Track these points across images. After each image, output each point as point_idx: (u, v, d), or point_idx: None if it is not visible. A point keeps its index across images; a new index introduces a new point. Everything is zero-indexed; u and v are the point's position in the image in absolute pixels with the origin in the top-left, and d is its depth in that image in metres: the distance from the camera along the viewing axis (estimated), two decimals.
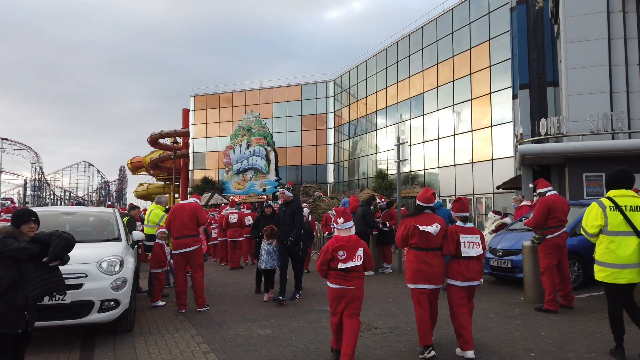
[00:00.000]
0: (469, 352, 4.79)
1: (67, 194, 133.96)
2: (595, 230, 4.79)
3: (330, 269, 4.70)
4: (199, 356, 5.17)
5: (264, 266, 8.18)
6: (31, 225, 4.23)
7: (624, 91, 18.43)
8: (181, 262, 7.49)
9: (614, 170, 4.96)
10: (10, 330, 3.94)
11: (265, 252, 8.21)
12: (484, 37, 26.60)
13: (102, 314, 5.68)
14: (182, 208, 7.60)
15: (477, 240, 5.00)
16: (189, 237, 7.42)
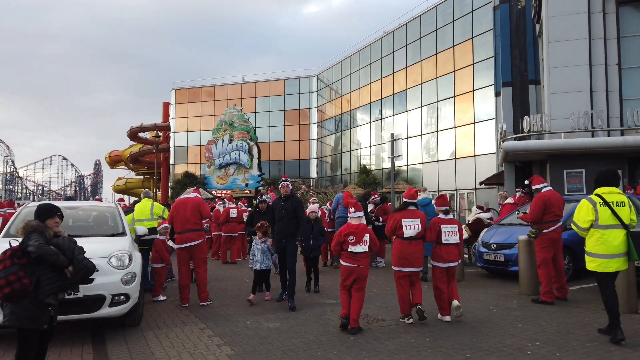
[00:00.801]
0: (446, 317, 6.18)
1: (40, 188, 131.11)
2: (587, 224, 5.27)
3: (342, 249, 5.85)
4: (213, 349, 5.25)
5: (259, 267, 7.58)
6: (56, 220, 4.29)
7: (604, 90, 18.99)
8: (185, 256, 7.54)
9: (602, 170, 5.45)
10: (37, 326, 3.99)
11: (259, 252, 7.59)
12: (467, 35, 26.99)
13: (113, 308, 5.72)
14: (185, 203, 7.64)
15: (455, 230, 6.24)
16: (193, 232, 7.48)
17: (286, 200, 7.45)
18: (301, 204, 7.69)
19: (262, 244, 7.64)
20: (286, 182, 7.66)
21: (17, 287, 3.84)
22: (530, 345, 5.04)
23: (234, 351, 5.15)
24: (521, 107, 22.76)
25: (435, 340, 5.33)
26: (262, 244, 7.64)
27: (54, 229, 4.22)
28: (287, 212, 7.35)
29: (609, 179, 5.36)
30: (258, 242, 7.67)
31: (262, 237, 7.72)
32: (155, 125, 50.25)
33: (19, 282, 3.85)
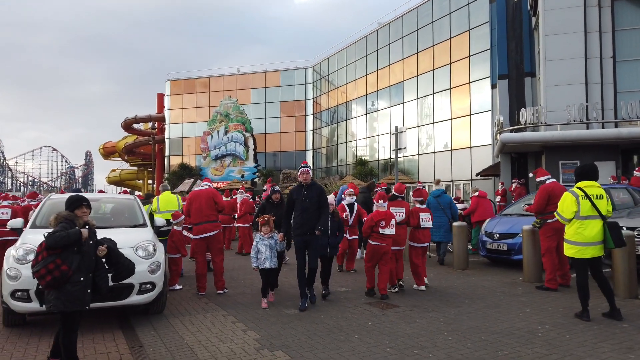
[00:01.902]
0: (421, 286, 7.70)
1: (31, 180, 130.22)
2: (572, 215, 5.84)
3: (372, 232, 7.18)
4: (239, 334, 5.51)
5: (268, 265, 6.74)
6: (84, 210, 4.52)
7: (599, 83, 19.37)
8: (201, 246, 7.79)
9: (584, 165, 6.04)
10: (81, 307, 4.30)
11: (266, 248, 6.78)
12: (464, 28, 27.23)
13: (140, 296, 5.97)
14: (199, 195, 7.89)
15: (429, 217, 7.85)
16: (208, 223, 7.74)
17: (308, 189, 6.67)
18: (325, 192, 6.89)
19: (268, 240, 6.81)
20: (306, 168, 6.77)
21: (57, 274, 4.11)
22: (540, 328, 5.36)
23: (260, 335, 5.41)
24: (517, 99, 23.11)
25: (450, 324, 5.63)
26: (268, 240, 6.81)
27: (83, 218, 4.47)
28: (311, 201, 6.57)
29: (589, 174, 5.91)
30: (264, 237, 6.79)
31: (268, 232, 6.84)
32: (150, 117, 50.17)
33: (58, 270, 4.12)
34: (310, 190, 6.67)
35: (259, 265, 6.81)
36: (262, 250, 6.80)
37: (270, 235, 6.83)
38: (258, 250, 6.83)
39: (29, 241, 5.84)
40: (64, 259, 4.19)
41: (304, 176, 6.74)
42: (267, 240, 6.82)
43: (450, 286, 7.95)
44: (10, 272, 5.52)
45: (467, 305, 6.53)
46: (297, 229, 6.63)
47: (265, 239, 6.82)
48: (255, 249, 6.85)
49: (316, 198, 6.62)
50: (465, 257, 9.54)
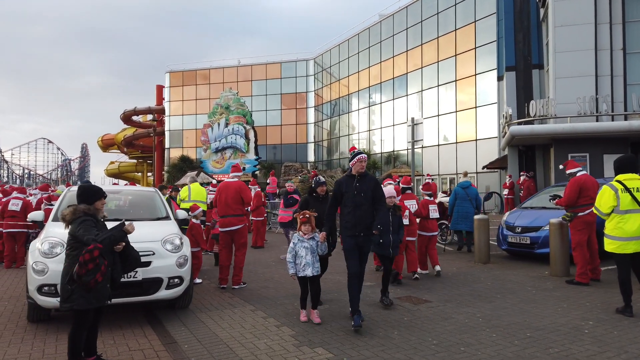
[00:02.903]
0: (425, 270, 8.46)
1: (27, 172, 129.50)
2: (609, 210, 5.67)
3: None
4: (273, 329, 5.36)
5: (310, 272, 5.58)
6: (103, 201, 4.41)
7: (609, 75, 19.24)
8: (226, 239, 7.66)
9: (622, 157, 5.84)
10: (103, 303, 4.19)
11: (306, 252, 5.63)
12: (470, 19, 26.99)
13: (169, 291, 5.81)
14: (227, 187, 7.72)
15: (436, 208, 8.53)
16: (234, 217, 7.58)
17: (361, 180, 5.55)
18: (380, 185, 5.82)
19: (309, 241, 5.71)
20: (363, 155, 5.63)
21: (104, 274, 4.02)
22: (584, 324, 5.22)
23: (295, 331, 5.26)
24: (524, 91, 22.94)
25: (489, 320, 5.49)
26: (309, 241, 5.71)
27: (102, 210, 4.32)
28: (365, 195, 5.49)
29: (629, 166, 5.75)
30: (303, 238, 5.69)
31: (309, 232, 5.74)
32: (150, 109, 49.79)
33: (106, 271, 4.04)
34: (363, 182, 5.56)
35: (297, 273, 5.67)
36: (301, 254, 5.65)
37: (311, 235, 5.73)
38: (296, 254, 5.69)
39: (54, 234, 5.65)
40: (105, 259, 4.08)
41: (359, 165, 5.55)
42: (307, 241, 5.70)
43: (476, 280, 7.81)
44: (37, 266, 5.34)
45: (500, 300, 6.39)
46: (348, 229, 5.52)
47: (305, 241, 5.70)
48: (292, 252, 5.71)
49: (371, 191, 5.55)
50: (487, 250, 9.41)
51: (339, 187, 5.65)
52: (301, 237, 5.75)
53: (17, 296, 7.24)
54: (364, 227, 5.48)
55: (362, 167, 5.57)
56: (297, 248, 5.72)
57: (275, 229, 17.15)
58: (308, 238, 5.73)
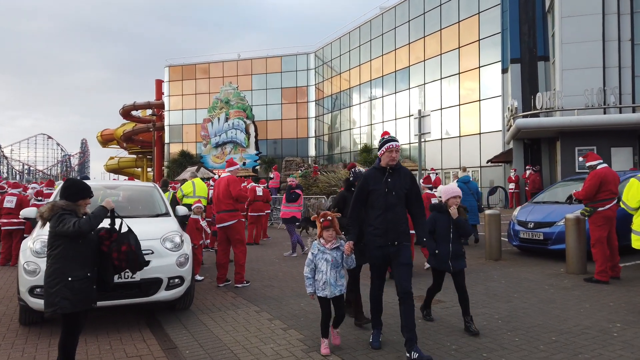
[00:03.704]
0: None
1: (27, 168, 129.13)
2: (638, 204, 5.34)
3: None
4: (279, 333, 5.04)
5: (334, 292, 4.40)
6: (87, 201, 4.08)
7: (616, 66, 18.85)
8: (221, 235, 7.45)
9: None
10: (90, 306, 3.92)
11: (327, 266, 4.40)
12: (473, 11, 26.54)
13: (169, 292, 5.49)
14: (219, 182, 7.49)
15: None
16: (225, 212, 7.34)
17: (393, 175, 4.42)
18: (415, 180, 4.66)
19: (332, 252, 4.43)
20: (396, 143, 4.44)
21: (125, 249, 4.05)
22: (612, 327, 4.90)
23: (303, 335, 4.95)
24: (530, 83, 22.54)
25: (508, 322, 5.17)
26: (332, 252, 4.43)
27: (84, 209, 4.00)
28: (398, 194, 4.38)
29: None
30: (325, 248, 4.45)
31: (332, 239, 4.46)
32: (149, 104, 49.33)
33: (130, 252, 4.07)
34: (396, 177, 4.41)
35: (315, 292, 4.48)
36: (322, 268, 4.42)
37: (335, 244, 4.46)
38: (315, 268, 4.49)
39: (47, 232, 5.31)
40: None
41: (389, 156, 4.38)
42: (329, 252, 4.43)
43: (489, 278, 7.49)
44: (28, 266, 5.02)
45: (518, 300, 6.07)
46: (376, 237, 4.38)
47: (327, 251, 4.43)
48: (310, 266, 4.51)
49: (405, 189, 4.42)
50: (498, 247, 9.09)
51: (365, 182, 4.48)
52: (322, 246, 4.47)
53: (10, 297, 6.92)
54: (397, 234, 4.34)
55: (393, 159, 4.37)
56: (317, 260, 4.47)
57: (277, 224, 16.85)
58: (331, 248, 4.43)
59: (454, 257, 4.94)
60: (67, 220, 3.74)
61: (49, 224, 3.86)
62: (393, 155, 4.38)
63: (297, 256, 10.30)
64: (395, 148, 4.40)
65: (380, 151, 4.49)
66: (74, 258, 3.75)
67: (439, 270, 5.09)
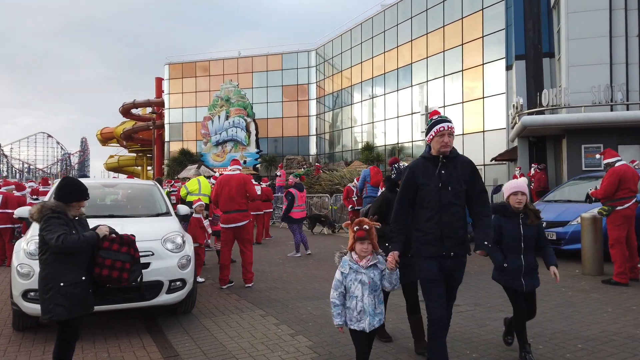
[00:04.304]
0: None
1: (26, 167, 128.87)
2: None
3: None
4: (287, 339, 4.78)
5: (369, 324, 3.38)
6: (82, 204, 3.74)
7: (624, 63, 18.53)
8: (229, 236, 7.14)
9: None
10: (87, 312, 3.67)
11: (363, 289, 3.40)
12: (477, 7, 26.24)
13: (170, 295, 5.22)
14: (229, 180, 7.13)
15: None
16: (238, 212, 7.07)
17: (448, 166, 3.52)
18: (477, 170, 3.75)
19: (368, 271, 3.41)
20: (449, 124, 3.50)
21: (115, 275, 3.63)
22: (639, 332, 4.63)
23: (312, 342, 4.67)
24: (535, 80, 22.22)
25: (529, 328, 4.81)
26: (368, 271, 3.41)
27: (76, 211, 3.69)
28: (456, 190, 3.48)
29: None
30: (359, 266, 3.41)
31: (367, 253, 3.43)
32: (149, 102, 49.12)
33: (119, 272, 3.64)
34: (451, 167, 3.51)
35: (347, 323, 3.46)
36: (356, 292, 3.39)
37: (372, 261, 3.43)
38: (346, 292, 3.46)
39: None
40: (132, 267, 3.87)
41: (440, 141, 3.47)
42: (365, 271, 3.40)
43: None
44: (22, 269, 4.75)
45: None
46: (426, 246, 3.50)
47: (361, 270, 3.40)
48: (339, 289, 3.46)
49: (464, 183, 3.53)
50: None
51: (411, 176, 3.56)
52: (354, 263, 3.42)
53: (5, 299, 6.65)
54: (456, 242, 3.46)
55: (445, 144, 3.44)
56: (348, 282, 3.42)
57: (279, 223, 16.59)
58: (367, 266, 3.40)
59: (527, 273, 3.99)
60: (53, 229, 3.43)
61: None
62: (446, 139, 3.45)
63: (300, 256, 10.04)
64: (449, 130, 3.46)
65: (428, 136, 3.56)
66: (65, 262, 3.48)
67: (511, 288, 4.08)
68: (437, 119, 3.59)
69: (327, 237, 13.44)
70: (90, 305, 3.69)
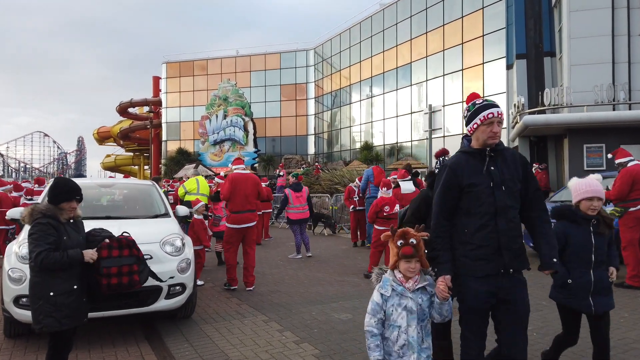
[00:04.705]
0: None
1: (23, 166, 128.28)
2: None
3: (377, 217, 7.71)
4: (292, 347, 4.56)
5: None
6: (73, 205, 3.48)
7: (626, 62, 18.40)
8: (238, 237, 6.94)
9: None
10: (79, 323, 3.45)
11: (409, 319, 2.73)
12: (477, 5, 26.11)
13: (169, 301, 5.00)
14: (245, 180, 6.97)
15: None
16: (250, 212, 6.98)
17: (497, 160, 2.88)
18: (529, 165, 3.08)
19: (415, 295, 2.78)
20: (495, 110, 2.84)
21: (126, 281, 3.44)
22: None
23: (318, 350, 4.46)
24: (536, 80, 22.09)
25: (546, 335, 4.72)
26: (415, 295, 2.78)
27: (69, 214, 3.44)
28: (509, 189, 2.85)
29: None
30: (404, 288, 2.76)
31: (414, 273, 2.76)
32: (146, 101, 48.82)
33: (129, 276, 3.45)
34: (501, 162, 2.87)
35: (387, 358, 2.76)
36: (399, 321, 2.74)
37: (421, 282, 2.78)
38: (387, 320, 2.78)
39: None
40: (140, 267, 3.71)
41: (490, 130, 2.80)
42: (411, 296, 2.75)
43: None
44: (13, 273, 4.52)
45: (548, 309, 5.59)
46: (477, 262, 2.81)
47: (407, 294, 2.75)
48: (377, 315, 2.76)
49: (518, 180, 2.88)
50: None
51: (453, 175, 2.88)
52: (399, 284, 2.76)
53: None
54: (516, 254, 2.80)
55: (495, 135, 2.79)
56: (389, 308, 2.74)
57: (278, 223, 16.37)
58: (414, 289, 2.75)
59: (598, 291, 3.32)
60: (37, 240, 3.21)
61: None
62: (495, 129, 2.79)
63: (301, 258, 9.83)
64: (498, 118, 2.80)
65: (471, 124, 2.87)
66: (56, 270, 3.25)
67: (573, 310, 3.40)
68: (483, 103, 2.90)
69: (328, 238, 13.23)
70: (83, 316, 3.48)
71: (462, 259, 2.86)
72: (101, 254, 3.43)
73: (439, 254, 2.88)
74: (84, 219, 3.74)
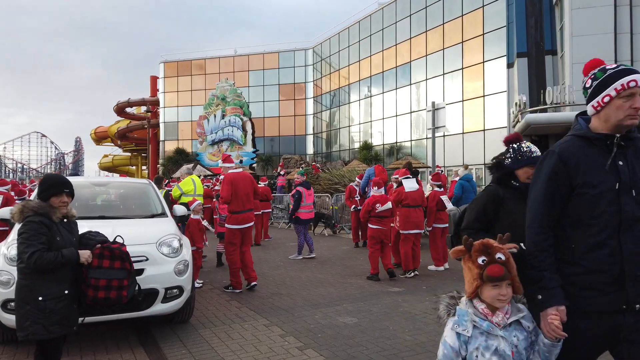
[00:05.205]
0: (440, 267, 8.15)
1: (20, 167, 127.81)
2: None
3: (370, 216, 7.53)
4: (295, 353, 4.33)
5: None
6: (64, 199, 3.25)
7: (628, 60, 18.24)
8: (239, 237, 6.78)
9: None
10: (68, 330, 3.24)
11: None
12: (478, 4, 25.88)
13: (166, 304, 4.77)
14: (244, 179, 6.82)
15: (447, 198, 8.24)
16: (251, 211, 6.93)
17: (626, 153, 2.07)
18: None
19: (508, 332, 2.01)
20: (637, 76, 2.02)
21: (114, 295, 3.25)
22: None
23: (324, 356, 4.24)
24: (537, 78, 21.89)
25: None
26: (508, 332, 2.01)
27: (61, 210, 3.22)
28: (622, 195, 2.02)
29: None
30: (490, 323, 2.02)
31: (506, 301, 2.02)
32: (144, 100, 48.49)
33: (117, 291, 3.27)
34: (631, 155, 2.08)
35: None
36: None
37: (515, 315, 2.05)
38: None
39: None
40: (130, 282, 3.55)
41: (633, 103, 2.00)
42: (504, 334, 2.01)
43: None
44: (1, 276, 4.28)
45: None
46: (595, 292, 2.04)
47: (496, 332, 2.01)
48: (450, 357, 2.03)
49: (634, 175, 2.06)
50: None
51: (563, 166, 2.10)
52: (483, 318, 2.04)
53: None
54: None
55: (635, 112, 2.01)
56: (471, 353, 2.02)
57: (277, 223, 16.15)
58: (505, 325, 2.03)
59: None
60: (30, 240, 3.00)
61: None
62: (637, 103, 2.00)
63: (302, 258, 9.60)
64: (636, 88, 2.01)
65: (600, 97, 2.08)
66: (46, 273, 3.02)
67: None
68: (617, 67, 2.08)
69: (329, 238, 13.02)
70: (73, 323, 3.26)
71: (567, 287, 2.07)
72: (91, 262, 3.22)
73: (544, 273, 2.05)
74: (77, 219, 3.52)
